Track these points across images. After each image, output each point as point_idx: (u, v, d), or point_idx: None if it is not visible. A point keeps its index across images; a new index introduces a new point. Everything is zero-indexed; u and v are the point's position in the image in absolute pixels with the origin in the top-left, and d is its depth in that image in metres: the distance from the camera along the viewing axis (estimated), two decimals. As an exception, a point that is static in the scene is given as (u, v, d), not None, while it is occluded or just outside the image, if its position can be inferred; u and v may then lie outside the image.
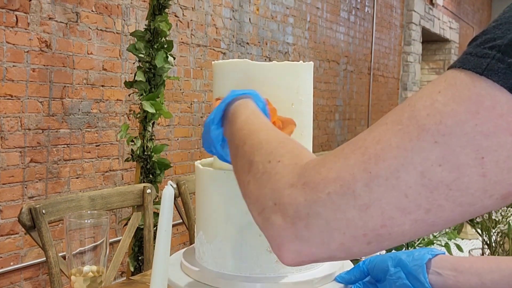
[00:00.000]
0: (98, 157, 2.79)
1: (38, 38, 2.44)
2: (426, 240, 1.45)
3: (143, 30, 2.40)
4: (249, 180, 0.54)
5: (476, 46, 0.42)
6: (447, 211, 0.41)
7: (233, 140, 0.65)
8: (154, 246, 1.23)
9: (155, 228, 1.84)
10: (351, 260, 1.08)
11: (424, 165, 0.40)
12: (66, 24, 2.58)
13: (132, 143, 2.40)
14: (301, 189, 0.46)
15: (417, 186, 0.41)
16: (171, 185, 0.73)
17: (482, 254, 1.15)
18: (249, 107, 0.70)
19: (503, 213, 1.15)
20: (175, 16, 3.22)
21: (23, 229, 1.98)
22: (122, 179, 2.94)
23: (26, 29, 2.39)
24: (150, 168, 2.41)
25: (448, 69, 0.44)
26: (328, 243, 0.45)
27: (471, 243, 1.61)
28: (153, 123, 2.44)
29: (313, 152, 1.07)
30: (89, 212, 1.20)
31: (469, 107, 0.40)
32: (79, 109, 2.66)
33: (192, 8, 3.37)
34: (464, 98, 0.40)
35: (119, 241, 1.65)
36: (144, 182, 2.38)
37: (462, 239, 1.63)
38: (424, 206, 0.41)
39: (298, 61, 0.98)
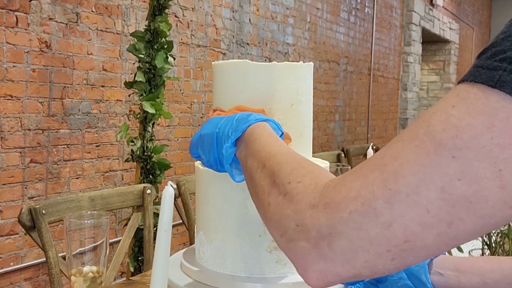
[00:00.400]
0: (98, 157, 2.79)
1: (38, 39, 2.45)
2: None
3: (143, 30, 2.40)
4: (269, 202, 0.54)
5: (487, 58, 0.42)
6: (468, 224, 0.42)
7: (251, 162, 0.65)
8: (154, 246, 1.24)
9: (155, 228, 1.84)
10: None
11: (443, 180, 0.41)
12: (66, 24, 2.58)
13: (132, 144, 2.40)
14: (322, 209, 0.47)
15: (438, 201, 0.41)
16: (171, 185, 0.73)
17: (482, 255, 1.15)
18: (266, 129, 0.71)
19: (503, 214, 1.15)
20: (175, 16, 3.22)
21: (23, 230, 1.98)
22: (122, 179, 2.94)
23: (26, 29, 2.39)
24: (150, 168, 2.41)
25: (458, 82, 0.44)
26: (352, 262, 0.46)
27: (471, 243, 1.61)
28: (153, 124, 2.44)
29: (313, 152, 1.07)
30: (89, 212, 1.20)
31: (484, 120, 0.40)
32: (79, 110, 2.67)
33: (192, 8, 3.37)
34: (478, 111, 0.40)
35: (119, 241, 1.65)
36: (144, 182, 2.38)
37: (462, 239, 1.62)
38: (446, 220, 0.42)
39: (298, 61, 0.98)
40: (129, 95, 2.77)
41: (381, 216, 0.43)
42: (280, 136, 0.74)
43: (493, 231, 1.17)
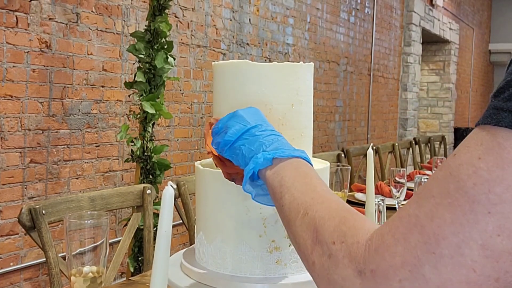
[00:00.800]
0: (98, 157, 2.79)
1: (38, 39, 2.45)
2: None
3: (143, 30, 2.40)
4: (313, 261, 0.55)
5: (505, 100, 0.42)
6: None
7: (290, 199, 0.64)
8: (154, 246, 1.23)
9: (155, 228, 1.84)
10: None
11: (483, 238, 0.41)
12: (66, 24, 2.58)
13: (132, 144, 2.40)
14: (371, 277, 0.47)
15: (481, 259, 0.41)
16: (171, 185, 0.73)
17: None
18: (310, 170, 0.70)
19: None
20: (175, 16, 3.22)
21: (23, 230, 1.98)
22: (122, 179, 2.94)
23: (26, 29, 2.39)
24: (150, 168, 2.41)
25: (477, 125, 0.44)
26: None
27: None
28: (153, 124, 2.44)
29: (313, 152, 1.07)
30: (89, 212, 1.20)
31: None
32: (79, 110, 2.67)
33: (192, 8, 3.37)
34: (506, 161, 0.40)
35: (119, 241, 1.65)
36: (144, 182, 2.38)
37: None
38: (493, 276, 0.42)
39: (298, 62, 0.98)
40: (129, 95, 2.77)
41: (430, 282, 0.43)
42: None
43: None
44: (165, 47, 2.39)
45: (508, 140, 0.40)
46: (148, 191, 1.68)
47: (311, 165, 0.73)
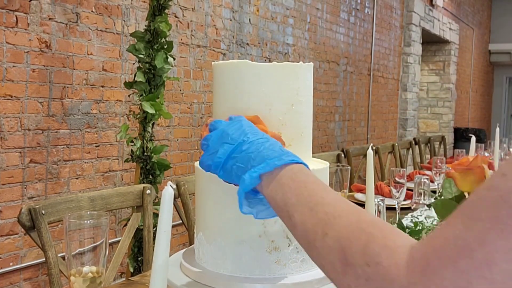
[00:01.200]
0: (97, 157, 2.79)
1: (38, 39, 2.45)
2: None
3: (143, 30, 2.40)
4: (349, 284, 0.52)
5: None
6: None
7: (301, 217, 0.61)
8: (153, 247, 1.23)
9: (154, 228, 1.84)
10: None
11: None
12: (66, 24, 2.58)
13: (132, 144, 2.40)
14: None
15: None
16: (170, 185, 0.73)
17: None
18: (310, 176, 0.67)
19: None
20: (175, 16, 3.22)
21: (22, 230, 1.98)
22: (122, 179, 2.94)
23: (26, 29, 2.39)
24: (149, 168, 2.41)
25: None
26: None
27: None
28: (153, 124, 2.44)
29: (313, 153, 1.07)
30: (88, 212, 1.20)
31: None
32: (79, 110, 2.66)
33: (192, 8, 3.37)
34: None
35: (118, 241, 1.65)
36: (143, 182, 2.38)
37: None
38: None
39: (298, 62, 0.98)
40: (129, 95, 2.77)
41: None
42: None
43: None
44: (165, 47, 2.39)
45: None
46: (148, 191, 1.68)
47: (304, 164, 0.70)
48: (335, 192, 0.64)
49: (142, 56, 2.35)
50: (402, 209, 1.96)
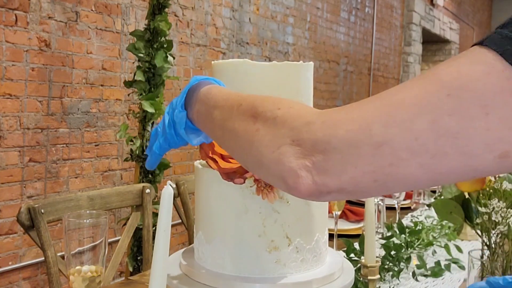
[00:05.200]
0: (97, 156, 2.78)
1: (37, 37, 2.44)
2: (425, 241, 1.45)
3: (142, 29, 2.39)
4: (257, 128, 0.56)
5: (497, 28, 0.47)
6: (450, 159, 0.45)
7: (218, 112, 0.65)
8: (153, 246, 1.23)
9: (154, 228, 1.84)
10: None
11: (436, 113, 0.45)
12: (66, 23, 2.57)
13: (132, 143, 2.40)
14: (320, 125, 0.50)
15: (427, 131, 0.45)
16: (170, 185, 0.73)
17: (482, 256, 1.15)
18: (221, 87, 0.72)
19: (502, 214, 1.15)
20: (175, 15, 3.22)
21: (21, 229, 1.98)
22: (121, 179, 2.94)
23: (25, 28, 2.38)
24: (149, 168, 2.41)
25: (473, 45, 0.49)
26: (340, 175, 0.49)
27: (471, 244, 1.61)
28: (153, 123, 2.44)
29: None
30: (88, 212, 1.20)
31: (483, 68, 0.44)
32: (78, 109, 2.66)
33: (192, 7, 3.36)
34: (480, 61, 0.45)
35: (118, 241, 1.65)
36: (143, 182, 2.38)
37: (462, 240, 1.63)
38: (431, 151, 0.45)
39: (298, 61, 0.98)
40: (128, 94, 2.76)
41: (374, 137, 0.47)
42: None
43: (493, 232, 1.17)
44: (165, 46, 2.39)
45: (490, 53, 0.45)
46: (147, 191, 1.68)
47: (213, 79, 0.74)
48: None
49: (141, 55, 2.35)
50: (402, 209, 1.96)
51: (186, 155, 3.41)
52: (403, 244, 1.34)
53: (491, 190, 1.17)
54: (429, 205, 2.12)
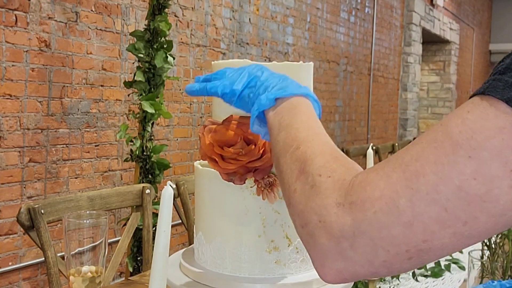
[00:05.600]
0: (97, 157, 2.78)
1: (37, 38, 2.44)
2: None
3: (142, 30, 2.39)
4: (295, 188, 0.56)
5: (497, 74, 0.46)
6: (482, 223, 0.44)
7: (285, 135, 0.64)
8: (153, 246, 1.23)
9: (154, 228, 1.84)
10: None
11: (460, 179, 0.44)
12: (66, 23, 2.57)
13: (131, 143, 2.40)
14: (348, 208, 0.49)
15: (455, 199, 0.44)
16: (170, 185, 0.73)
17: (482, 256, 1.15)
18: (310, 108, 0.70)
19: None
20: (175, 16, 3.22)
21: (21, 229, 1.98)
22: (121, 179, 2.94)
23: (25, 28, 2.39)
24: (149, 168, 2.41)
25: (472, 96, 0.48)
26: (372, 261, 0.48)
27: (471, 244, 1.60)
28: (153, 123, 2.44)
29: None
30: (88, 212, 1.19)
31: (494, 123, 0.43)
32: (78, 109, 2.66)
33: (192, 8, 3.36)
34: (489, 116, 0.44)
35: (118, 241, 1.65)
36: (143, 182, 2.38)
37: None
38: (462, 218, 0.44)
39: (298, 61, 0.98)
40: (128, 95, 2.76)
41: (403, 215, 0.45)
42: (318, 115, 0.74)
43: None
44: (165, 46, 2.39)
45: (497, 104, 0.44)
46: (147, 191, 1.68)
47: (316, 100, 0.73)
48: (325, 132, 0.67)
49: (141, 55, 2.35)
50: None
51: (186, 155, 3.41)
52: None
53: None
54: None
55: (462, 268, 1.37)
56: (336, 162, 0.55)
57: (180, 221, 1.94)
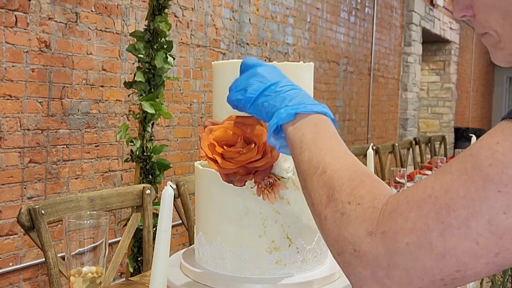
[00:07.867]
0: (97, 157, 2.78)
1: (37, 38, 2.44)
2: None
3: (142, 30, 2.39)
4: (326, 215, 0.57)
5: None
6: None
7: (309, 156, 0.65)
8: (153, 247, 1.23)
9: (154, 229, 1.84)
10: None
11: (490, 213, 0.44)
12: (66, 24, 2.57)
13: (132, 144, 2.40)
14: (380, 238, 0.50)
15: (486, 233, 0.45)
16: (170, 185, 0.73)
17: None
18: (331, 128, 0.70)
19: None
20: (175, 16, 3.22)
21: (22, 230, 1.97)
22: (122, 179, 2.94)
23: (25, 29, 2.39)
24: (149, 168, 2.41)
25: (502, 119, 0.48)
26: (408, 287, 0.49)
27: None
28: (153, 124, 2.43)
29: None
30: (88, 212, 1.20)
31: None
32: (78, 110, 2.66)
33: (192, 8, 3.36)
34: None
35: (118, 241, 1.65)
36: (143, 182, 2.38)
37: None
38: (494, 251, 0.45)
39: (298, 61, 0.98)
40: (128, 95, 2.76)
41: (435, 248, 0.47)
42: None
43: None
44: (165, 46, 2.39)
45: None
46: (148, 191, 1.68)
47: (333, 119, 0.74)
48: (349, 151, 0.67)
49: (141, 55, 2.35)
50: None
51: (186, 155, 3.41)
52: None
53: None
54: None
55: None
56: (364, 188, 0.56)
57: (181, 221, 1.94)
